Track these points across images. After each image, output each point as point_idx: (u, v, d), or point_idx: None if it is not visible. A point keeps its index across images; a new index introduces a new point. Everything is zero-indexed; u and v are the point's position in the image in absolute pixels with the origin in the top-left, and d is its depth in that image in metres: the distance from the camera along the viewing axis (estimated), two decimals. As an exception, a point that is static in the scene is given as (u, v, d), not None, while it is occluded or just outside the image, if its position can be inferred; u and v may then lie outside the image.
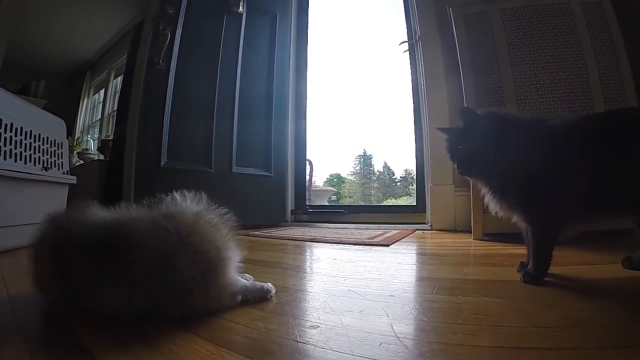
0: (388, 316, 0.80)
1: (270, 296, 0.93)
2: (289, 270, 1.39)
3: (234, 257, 0.87)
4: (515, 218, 1.14)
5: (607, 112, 1.49)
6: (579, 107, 1.92)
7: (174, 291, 0.73)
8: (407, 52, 3.19)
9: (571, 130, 1.08)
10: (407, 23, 3.27)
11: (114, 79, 5.77)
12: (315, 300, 0.95)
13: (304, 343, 0.65)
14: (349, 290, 1.03)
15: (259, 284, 0.95)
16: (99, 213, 0.84)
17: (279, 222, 3.32)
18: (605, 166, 1.01)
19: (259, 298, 0.91)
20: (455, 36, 2.21)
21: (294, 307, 0.88)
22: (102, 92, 6.10)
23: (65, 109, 6.24)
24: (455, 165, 1.18)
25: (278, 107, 3.44)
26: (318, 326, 0.74)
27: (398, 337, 0.67)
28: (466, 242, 1.95)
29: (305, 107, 3.86)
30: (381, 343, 0.65)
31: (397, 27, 3.48)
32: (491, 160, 1.08)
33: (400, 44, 3.22)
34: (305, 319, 0.80)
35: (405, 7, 3.32)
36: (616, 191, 1.02)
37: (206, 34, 3.09)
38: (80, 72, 6.50)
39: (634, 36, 2.00)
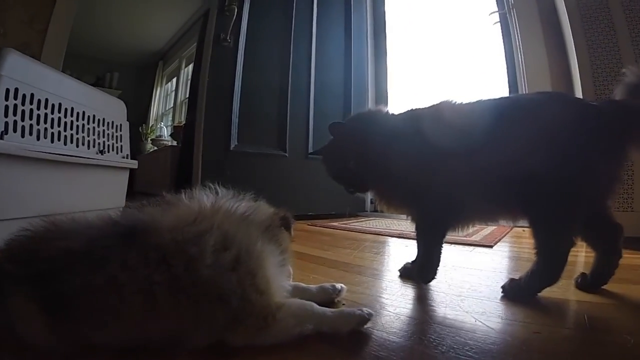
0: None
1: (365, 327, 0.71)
2: (379, 280, 1.14)
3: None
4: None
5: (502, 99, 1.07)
6: None
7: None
8: (499, 23, 2.84)
9: (448, 123, 1.01)
10: (496, -8, 2.92)
11: (185, 67, 5.83)
12: (431, 333, 0.70)
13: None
14: (475, 320, 0.77)
15: (347, 310, 0.72)
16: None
17: (357, 211, 3.14)
18: (490, 159, 0.92)
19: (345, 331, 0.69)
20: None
21: (402, 350, 0.63)
22: (174, 80, 6.24)
23: (140, 99, 6.48)
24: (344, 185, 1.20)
25: (357, 91, 3.25)
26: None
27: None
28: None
29: (386, 90, 3.65)
30: None
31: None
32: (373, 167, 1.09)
33: (490, 14, 2.87)
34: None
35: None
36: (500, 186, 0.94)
37: (276, 9, 2.89)
38: (153, 63, 6.70)
39: None
